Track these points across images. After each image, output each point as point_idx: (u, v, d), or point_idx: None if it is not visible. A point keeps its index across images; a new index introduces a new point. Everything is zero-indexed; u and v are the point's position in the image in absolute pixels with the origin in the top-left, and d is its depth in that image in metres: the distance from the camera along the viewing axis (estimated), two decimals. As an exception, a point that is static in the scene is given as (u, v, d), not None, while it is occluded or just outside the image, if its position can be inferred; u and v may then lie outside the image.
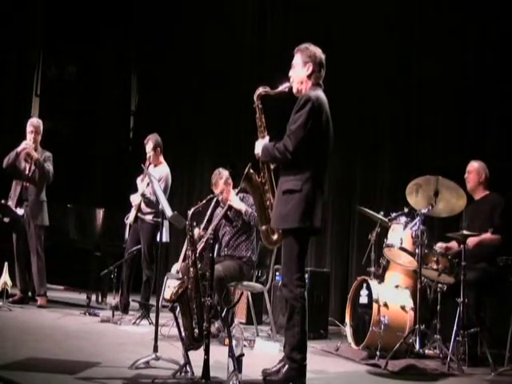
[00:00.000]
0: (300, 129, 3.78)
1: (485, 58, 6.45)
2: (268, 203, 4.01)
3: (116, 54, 10.15)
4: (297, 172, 3.82)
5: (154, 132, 6.65)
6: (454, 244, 5.49)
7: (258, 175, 4.03)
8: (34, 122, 6.78)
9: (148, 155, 6.50)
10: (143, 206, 6.45)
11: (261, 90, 4.04)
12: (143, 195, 6.34)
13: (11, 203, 6.61)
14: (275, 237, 4.01)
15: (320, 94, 3.94)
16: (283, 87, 4.02)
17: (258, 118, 4.05)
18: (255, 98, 4.04)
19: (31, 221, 6.62)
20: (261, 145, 3.96)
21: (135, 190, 6.58)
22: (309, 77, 3.98)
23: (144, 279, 6.43)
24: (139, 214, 6.49)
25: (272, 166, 4.04)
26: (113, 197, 8.91)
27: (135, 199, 6.51)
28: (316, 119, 3.83)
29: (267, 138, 3.99)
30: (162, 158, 6.60)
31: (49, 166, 6.67)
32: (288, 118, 3.90)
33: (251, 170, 4.02)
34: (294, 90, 4.01)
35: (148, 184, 6.31)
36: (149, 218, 6.46)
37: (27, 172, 6.66)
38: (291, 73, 4.03)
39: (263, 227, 4.04)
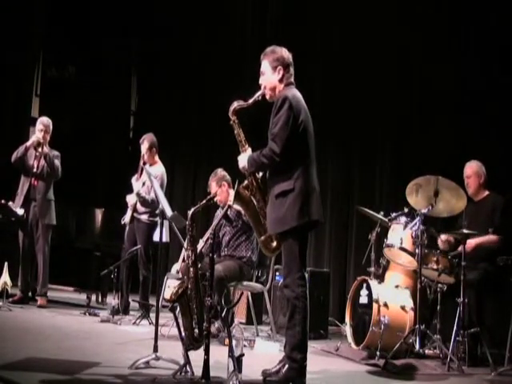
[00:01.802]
0: (283, 129, 3.78)
1: (484, 58, 6.45)
2: (262, 212, 3.97)
3: (116, 54, 10.15)
4: (286, 173, 3.81)
5: (155, 132, 6.65)
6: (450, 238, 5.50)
7: (247, 189, 3.99)
8: (44, 121, 6.79)
9: (143, 154, 6.54)
10: (139, 205, 6.47)
11: (235, 104, 4.03)
12: (138, 194, 6.36)
13: (18, 200, 6.61)
14: (274, 244, 3.98)
15: (294, 92, 3.94)
16: (256, 96, 4.00)
17: (236, 134, 4.03)
18: (230, 114, 4.02)
19: (40, 220, 6.63)
20: (245, 157, 3.93)
21: (131, 190, 6.59)
22: (280, 80, 3.97)
23: (141, 279, 6.44)
24: (135, 214, 6.50)
25: (259, 176, 4.01)
26: (113, 197, 8.90)
27: (131, 199, 6.52)
28: (296, 117, 3.83)
29: (249, 150, 3.97)
30: (157, 158, 6.63)
31: (57, 163, 6.68)
32: (266, 125, 3.89)
33: (241, 186, 3.97)
34: (268, 97, 4.00)
35: (144, 183, 6.36)
36: (144, 217, 6.48)
37: (35, 169, 6.66)
38: (261, 80, 4.02)
39: (262, 238, 4.01)
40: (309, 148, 3.93)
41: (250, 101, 4.00)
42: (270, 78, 3.98)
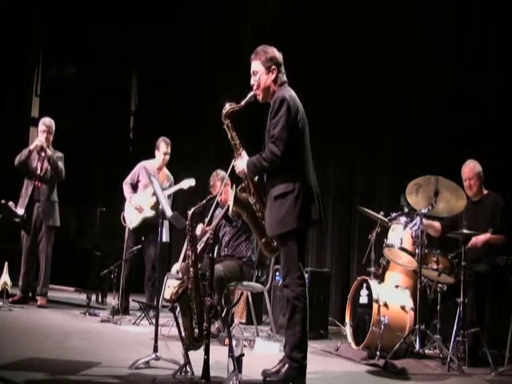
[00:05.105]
0: (283, 131, 3.75)
1: (483, 58, 6.45)
2: (260, 214, 3.94)
3: (116, 54, 10.15)
4: (286, 174, 3.79)
5: (155, 132, 6.68)
6: (435, 223, 5.50)
7: (244, 191, 3.94)
8: (47, 122, 6.79)
9: (164, 159, 6.70)
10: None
11: (227, 107, 3.92)
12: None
13: (22, 202, 6.61)
14: (275, 244, 3.97)
15: (290, 92, 3.90)
16: (248, 97, 3.91)
17: (230, 138, 3.95)
18: (223, 117, 3.92)
19: (44, 221, 6.62)
20: (243, 162, 3.87)
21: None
22: (274, 81, 3.91)
23: (152, 280, 6.44)
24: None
25: (255, 178, 3.96)
26: (112, 197, 8.91)
27: (146, 212, 6.52)
28: (294, 118, 3.81)
29: (244, 154, 3.91)
30: None
31: (61, 165, 6.68)
32: (258, 125, 3.86)
33: (238, 190, 3.94)
34: (260, 98, 3.94)
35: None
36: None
37: (39, 171, 6.65)
38: (253, 81, 3.93)
39: (263, 240, 3.98)
40: (306, 148, 3.91)
41: (243, 102, 3.91)
42: (263, 78, 3.91)
